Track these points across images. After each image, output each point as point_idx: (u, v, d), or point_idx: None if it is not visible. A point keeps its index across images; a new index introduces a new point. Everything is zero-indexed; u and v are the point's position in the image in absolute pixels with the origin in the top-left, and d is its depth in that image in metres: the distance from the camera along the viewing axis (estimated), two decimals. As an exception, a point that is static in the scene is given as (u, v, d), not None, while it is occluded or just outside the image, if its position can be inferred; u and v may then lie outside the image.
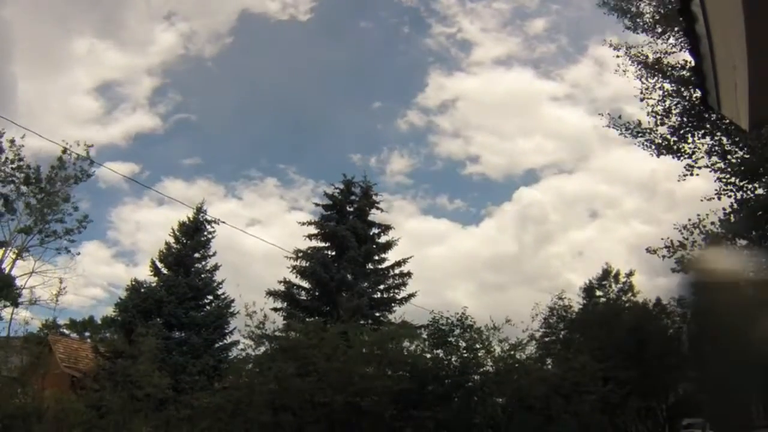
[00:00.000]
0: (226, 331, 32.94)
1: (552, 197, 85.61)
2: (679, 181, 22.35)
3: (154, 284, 32.42)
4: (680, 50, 20.92)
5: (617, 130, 23.00)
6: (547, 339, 26.35)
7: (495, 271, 75.78)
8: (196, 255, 33.52)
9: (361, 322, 26.73)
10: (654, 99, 22.00)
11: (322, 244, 34.53)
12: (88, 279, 65.03)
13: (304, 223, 35.10)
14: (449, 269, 68.44)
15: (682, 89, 21.49)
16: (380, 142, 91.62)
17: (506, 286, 74.90)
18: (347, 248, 33.14)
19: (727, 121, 17.71)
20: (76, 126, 66.69)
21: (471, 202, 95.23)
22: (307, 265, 33.41)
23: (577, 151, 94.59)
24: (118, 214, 67.97)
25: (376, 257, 34.50)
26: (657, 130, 22.21)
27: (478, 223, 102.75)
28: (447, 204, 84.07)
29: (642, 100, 22.29)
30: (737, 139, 20.76)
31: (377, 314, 31.93)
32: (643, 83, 22.26)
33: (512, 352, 21.93)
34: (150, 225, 69.19)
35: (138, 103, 79.46)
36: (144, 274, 37.15)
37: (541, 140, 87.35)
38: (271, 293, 33.26)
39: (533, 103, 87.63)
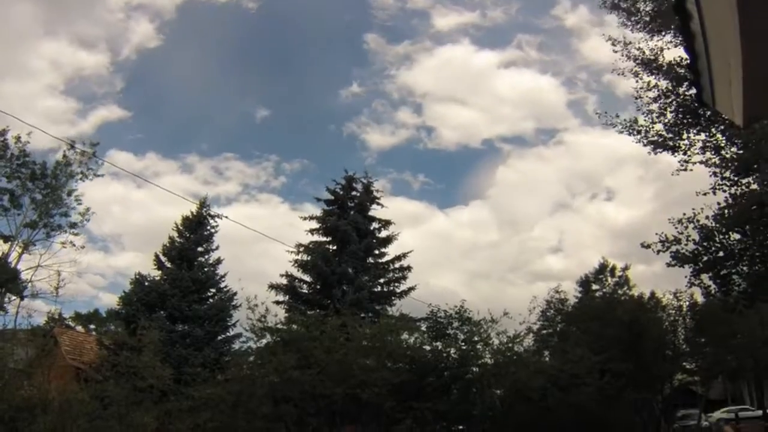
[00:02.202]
0: (229, 323, 33.23)
1: (527, 176, 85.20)
2: (673, 175, 22.63)
3: (157, 278, 32.75)
4: (677, 46, 21.10)
5: (615, 127, 23.21)
6: (544, 332, 26.62)
7: (474, 258, 75.46)
8: (199, 249, 33.80)
9: (362, 315, 26.95)
10: (649, 97, 22.24)
11: (324, 239, 34.91)
12: (84, 269, 64.69)
13: (306, 218, 35.52)
14: (428, 255, 68.36)
15: (677, 87, 21.68)
16: (339, 121, 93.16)
17: (487, 273, 74.69)
18: (348, 242, 33.49)
19: (722, 117, 17.98)
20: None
21: (444, 182, 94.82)
22: (309, 259, 33.77)
23: (551, 125, 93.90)
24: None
25: (377, 251, 34.87)
26: (653, 128, 22.43)
27: (453, 206, 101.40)
28: (418, 183, 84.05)
29: (637, 98, 22.54)
30: (732, 135, 20.99)
31: (377, 307, 32.24)
32: (638, 82, 22.50)
33: (510, 345, 22.15)
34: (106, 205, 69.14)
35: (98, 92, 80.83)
36: (120, 261, 37.26)
37: (517, 113, 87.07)
38: (273, 286, 33.68)
39: (495, 76, 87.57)
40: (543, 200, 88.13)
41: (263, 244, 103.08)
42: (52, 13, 71.24)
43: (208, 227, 34.07)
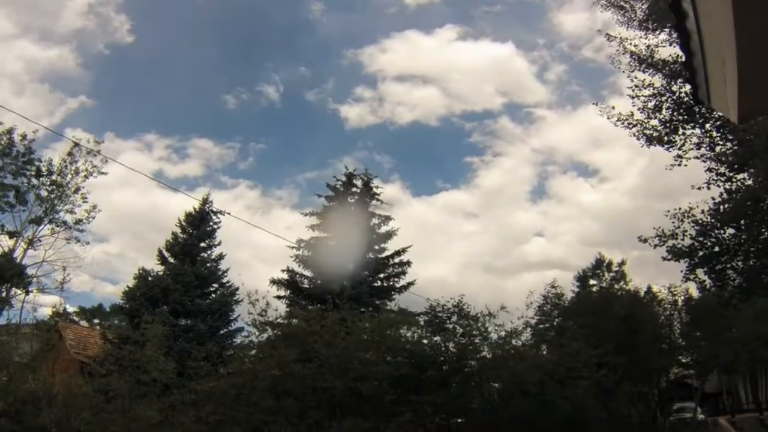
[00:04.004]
0: (231, 318, 33.62)
1: (504, 157, 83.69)
2: (667, 169, 22.86)
3: (161, 273, 33.11)
4: (671, 45, 21.35)
5: (611, 120, 23.40)
6: (541, 326, 26.73)
7: (456, 246, 74.31)
8: (202, 244, 34.15)
9: (362, 309, 27.16)
10: (645, 95, 22.45)
11: (324, 235, 35.17)
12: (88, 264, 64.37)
13: (306, 214, 35.83)
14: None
15: (673, 84, 21.90)
16: (301, 102, 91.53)
17: (472, 262, 73.76)
18: (348, 238, 33.73)
19: (717, 114, 18.24)
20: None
21: (416, 164, 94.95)
22: (310, 254, 34.08)
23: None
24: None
25: (376, 247, 35.10)
26: (648, 123, 22.64)
27: (427, 188, 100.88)
28: (387, 165, 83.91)
29: (633, 98, 22.75)
30: (726, 131, 21.22)
31: (377, 302, 32.48)
32: (632, 81, 22.72)
33: (508, 339, 22.32)
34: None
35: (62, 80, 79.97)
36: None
37: (489, 89, 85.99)
38: (274, 281, 34.02)
39: (463, 52, 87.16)
40: (522, 182, 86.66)
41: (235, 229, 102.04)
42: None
43: (211, 223, 34.46)
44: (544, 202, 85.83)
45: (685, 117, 21.85)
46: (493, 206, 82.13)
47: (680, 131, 22.18)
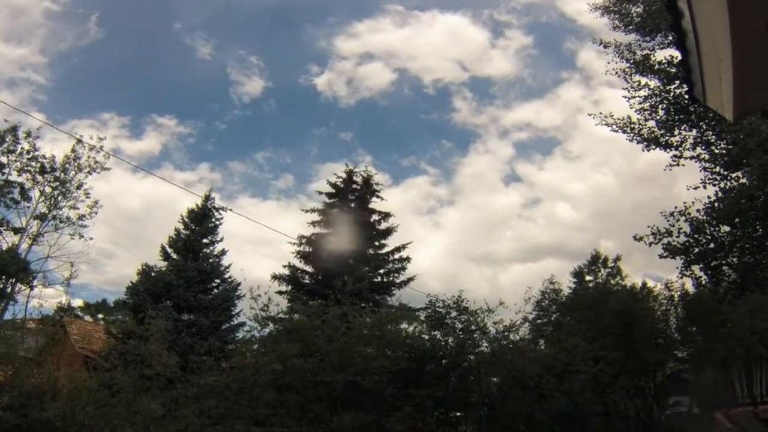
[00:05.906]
0: (233, 313, 33.92)
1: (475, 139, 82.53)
2: (665, 170, 23.05)
3: (164, 268, 33.42)
4: (667, 47, 21.56)
5: (608, 126, 23.58)
6: (539, 321, 26.91)
7: (437, 237, 73.28)
8: (204, 240, 34.48)
9: (362, 305, 27.38)
10: (641, 96, 22.63)
11: (325, 231, 35.49)
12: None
13: (307, 211, 36.16)
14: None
15: (668, 84, 22.10)
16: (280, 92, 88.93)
17: (457, 253, 72.74)
18: (349, 235, 34.03)
19: (713, 113, 18.47)
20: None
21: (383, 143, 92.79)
22: (310, 250, 34.40)
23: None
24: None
25: (377, 243, 35.41)
26: (645, 125, 22.84)
27: (401, 171, 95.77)
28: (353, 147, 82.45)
29: (629, 99, 22.93)
30: (722, 130, 21.44)
31: (377, 297, 32.74)
32: (628, 82, 22.91)
33: (506, 334, 22.52)
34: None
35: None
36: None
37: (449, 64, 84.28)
38: (276, 277, 34.31)
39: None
40: (498, 162, 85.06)
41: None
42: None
43: (213, 219, 34.80)
44: (521, 185, 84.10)
45: (681, 117, 22.09)
46: (468, 189, 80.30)
47: (676, 132, 22.42)
